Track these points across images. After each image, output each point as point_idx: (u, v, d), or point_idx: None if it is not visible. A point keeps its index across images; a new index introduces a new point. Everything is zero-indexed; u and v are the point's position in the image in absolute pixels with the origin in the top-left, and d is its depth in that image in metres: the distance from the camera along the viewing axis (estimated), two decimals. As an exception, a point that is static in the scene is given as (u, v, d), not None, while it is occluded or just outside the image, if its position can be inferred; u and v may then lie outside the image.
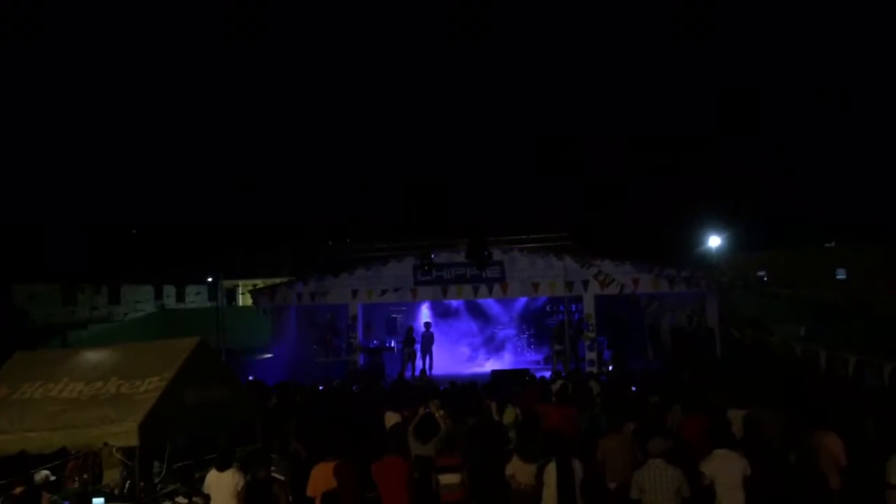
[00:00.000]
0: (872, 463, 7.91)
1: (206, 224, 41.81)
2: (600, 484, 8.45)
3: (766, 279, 37.14)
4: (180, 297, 40.16)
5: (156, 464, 9.01)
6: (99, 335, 30.82)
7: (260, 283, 31.15)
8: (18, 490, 7.72)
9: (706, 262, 23.22)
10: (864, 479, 8.12)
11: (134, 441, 7.64)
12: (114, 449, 8.34)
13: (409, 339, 22.35)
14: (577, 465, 7.74)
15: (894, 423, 8.92)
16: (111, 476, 8.99)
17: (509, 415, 11.04)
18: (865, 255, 38.79)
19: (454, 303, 24.23)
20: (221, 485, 7.93)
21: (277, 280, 26.45)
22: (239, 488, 7.87)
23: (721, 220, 23.57)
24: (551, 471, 7.67)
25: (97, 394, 8.28)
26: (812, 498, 8.09)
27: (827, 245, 42.92)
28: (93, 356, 9.28)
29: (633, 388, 13.92)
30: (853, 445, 8.54)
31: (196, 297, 40.75)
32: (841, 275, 40.37)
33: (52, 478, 8.95)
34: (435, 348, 22.65)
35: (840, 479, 8.18)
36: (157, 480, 8.76)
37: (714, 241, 22.51)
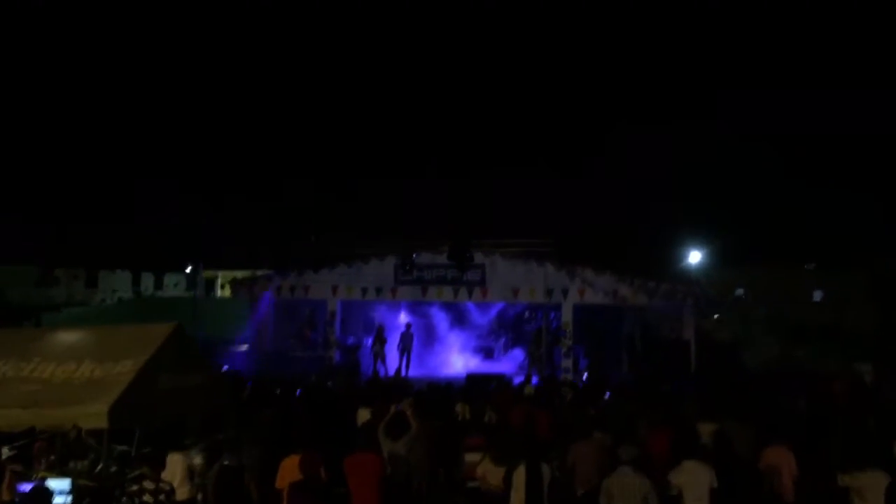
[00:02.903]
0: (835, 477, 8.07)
1: (188, 212, 41.49)
2: (569, 489, 8.49)
3: (744, 297, 37.41)
4: (158, 285, 39.86)
5: (125, 448, 8.96)
6: (74, 319, 30.53)
7: (240, 274, 31.00)
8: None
9: (686, 277, 23.37)
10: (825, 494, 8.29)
11: (104, 424, 7.62)
12: (83, 431, 8.29)
13: (379, 337, 22.36)
14: (545, 469, 7.77)
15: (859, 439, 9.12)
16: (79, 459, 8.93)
17: (476, 411, 11.05)
18: (841, 279, 39.31)
19: (434, 305, 24.24)
20: (172, 466, 7.96)
21: (258, 272, 26.31)
22: (186, 471, 7.93)
23: (703, 236, 23.73)
24: (520, 474, 7.70)
25: (70, 376, 8.25)
26: None
27: (806, 267, 43.31)
28: (66, 337, 9.25)
29: (607, 397, 13.98)
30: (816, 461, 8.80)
31: (174, 287, 40.48)
32: (818, 297, 40.80)
33: (15, 455, 8.88)
34: (413, 350, 22.64)
35: (793, 493, 8.44)
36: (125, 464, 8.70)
37: (695, 257, 22.65)
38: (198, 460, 8.45)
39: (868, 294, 36.78)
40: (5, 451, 8.72)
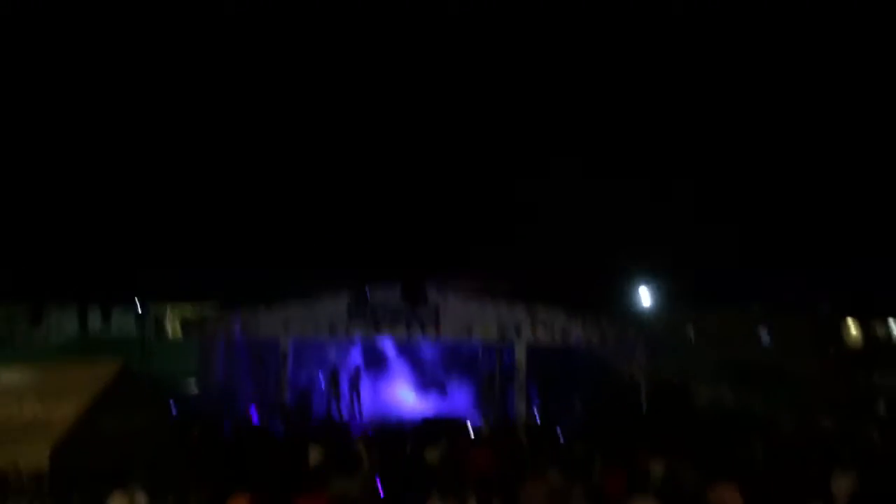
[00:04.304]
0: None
1: (133, 244, 40.64)
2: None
3: (692, 338, 37.91)
4: (106, 317, 38.80)
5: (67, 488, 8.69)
6: (17, 358, 29.68)
7: (188, 308, 30.56)
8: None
9: (637, 317, 23.66)
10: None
11: (44, 466, 7.41)
12: (23, 475, 8.05)
13: (334, 378, 22.20)
14: (497, 509, 7.74)
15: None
16: None
17: (432, 455, 10.99)
18: (785, 319, 40.27)
19: (386, 343, 24.15)
20: None
21: (207, 306, 25.95)
22: None
23: (653, 277, 24.07)
24: (472, 514, 7.65)
25: (10, 417, 8.04)
26: None
27: (753, 306, 44.12)
28: (9, 377, 9.01)
29: (560, 437, 14.05)
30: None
31: (122, 323, 39.50)
32: (765, 336, 41.59)
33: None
34: (365, 388, 22.50)
35: None
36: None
37: (645, 297, 22.95)
38: (142, 500, 8.24)
39: (811, 340, 37.86)
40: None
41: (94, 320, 37.95)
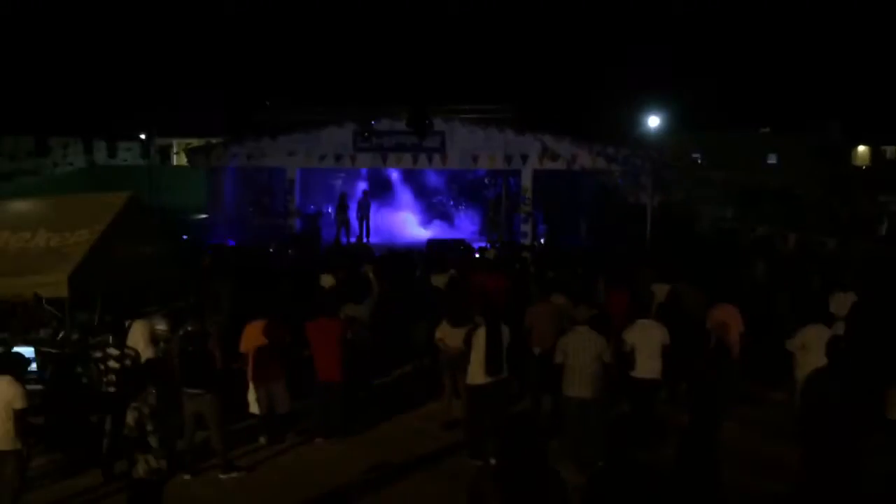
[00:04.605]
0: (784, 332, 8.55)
1: (139, 77, 39.97)
2: (526, 349, 8.77)
3: (700, 161, 37.78)
4: (112, 152, 38.77)
5: (87, 316, 8.99)
6: (25, 188, 29.86)
7: (195, 141, 30.39)
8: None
9: (644, 142, 23.46)
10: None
11: (64, 292, 7.61)
12: (44, 300, 8.29)
13: (342, 205, 22.31)
14: (505, 331, 7.99)
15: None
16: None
17: (439, 279, 11.23)
18: (794, 143, 39.99)
19: (392, 171, 24.14)
20: (135, 332, 8.08)
21: (213, 140, 25.80)
22: (152, 334, 8.06)
23: (660, 101, 23.60)
24: (480, 335, 7.91)
25: (25, 245, 8.16)
26: (718, 365, 8.72)
27: (762, 130, 43.72)
28: (19, 206, 9.10)
29: (564, 260, 14.26)
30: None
31: (128, 154, 39.45)
32: (772, 160, 41.47)
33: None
34: (372, 216, 22.70)
35: (739, 348, 8.98)
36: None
37: (653, 122, 22.61)
38: (161, 326, 8.53)
39: (817, 158, 37.69)
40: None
41: (100, 152, 37.87)
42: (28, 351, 7.67)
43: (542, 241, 21.26)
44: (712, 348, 8.93)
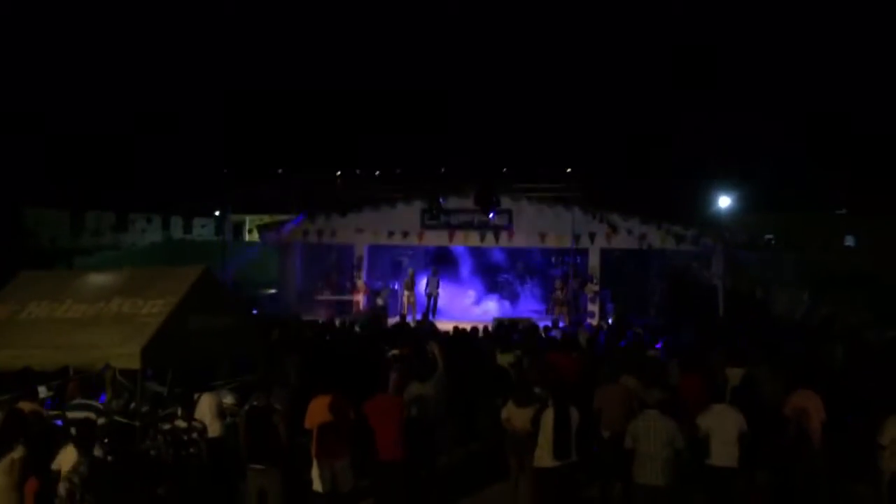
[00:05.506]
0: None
1: (214, 157, 41.53)
2: (595, 432, 8.54)
3: (773, 242, 36.99)
4: (188, 229, 40.21)
5: (157, 387, 9.12)
6: (105, 262, 30.96)
7: (267, 218, 31.17)
8: (24, 405, 7.81)
9: (715, 222, 23.17)
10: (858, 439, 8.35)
11: (136, 364, 7.72)
12: (116, 371, 8.44)
13: (410, 282, 22.43)
14: (573, 413, 7.80)
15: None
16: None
17: (505, 358, 11.09)
18: (875, 225, 38.70)
19: (458, 249, 24.27)
20: (203, 405, 8.12)
21: (285, 216, 26.42)
22: (220, 408, 8.11)
23: (732, 181, 23.40)
24: (548, 416, 7.74)
25: (99, 313, 8.34)
26: (799, 455, 8.27)
27: (838, 212, 42.69)
28: (98, 278, 9.35)
29: (633, 342, 13.96)
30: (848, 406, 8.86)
31: (203, 230, 40.83)
32: (850, 242, 40.28)
33: (51, 394, 9.09)
34: (439, 293, 22.74)
35: (822, 436, 8.38)
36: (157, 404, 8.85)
37: (724, 202, 22.37)
38: (229, 400, 8.59)
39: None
40: (42, 391, 8.90)
41: (176, 227, 39.27)
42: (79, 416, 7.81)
43: (610, 320, 20.93)
44: (792, 436, 8.50)
